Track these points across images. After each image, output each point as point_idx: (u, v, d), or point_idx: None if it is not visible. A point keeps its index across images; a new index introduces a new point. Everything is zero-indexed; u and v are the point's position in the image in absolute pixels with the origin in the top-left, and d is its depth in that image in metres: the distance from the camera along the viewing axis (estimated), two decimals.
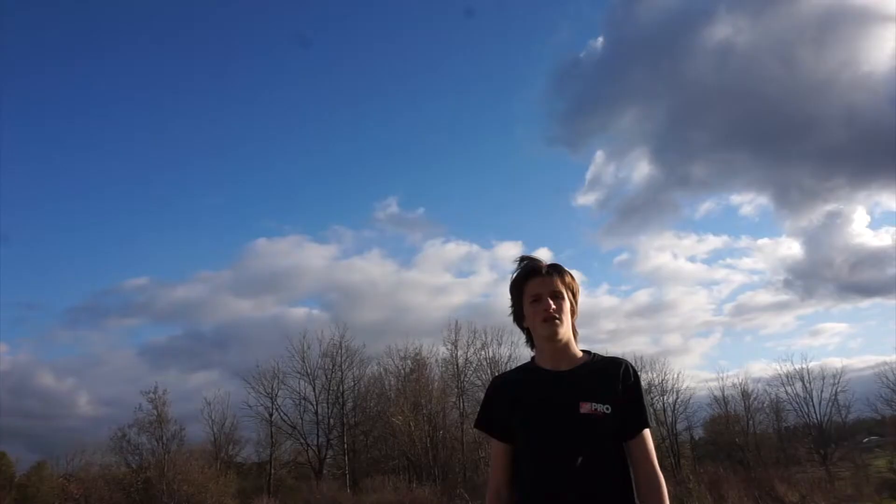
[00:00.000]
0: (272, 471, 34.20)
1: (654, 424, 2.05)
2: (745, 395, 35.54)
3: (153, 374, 59.29)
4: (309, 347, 35.87)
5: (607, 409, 1.97)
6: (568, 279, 2.13)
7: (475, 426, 2.18)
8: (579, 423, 1.95)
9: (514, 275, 2.16)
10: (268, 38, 58.07)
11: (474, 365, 34.96)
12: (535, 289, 2.08)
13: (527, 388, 2.08)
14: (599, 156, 62.07)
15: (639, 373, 2.11)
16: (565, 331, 2.08)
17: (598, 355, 2.15)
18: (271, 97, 57.28)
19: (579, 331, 2.19)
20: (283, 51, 58.96)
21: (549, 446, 1.97)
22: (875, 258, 50.48)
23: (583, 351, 2.16)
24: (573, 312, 2.14)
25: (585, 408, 1.97)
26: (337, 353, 35.67)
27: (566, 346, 2.09)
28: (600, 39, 61.06)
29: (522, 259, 2.18)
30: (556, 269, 2.13)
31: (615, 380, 2.04)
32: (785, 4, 58.75)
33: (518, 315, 2.17)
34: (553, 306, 2.05)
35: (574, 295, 2.15)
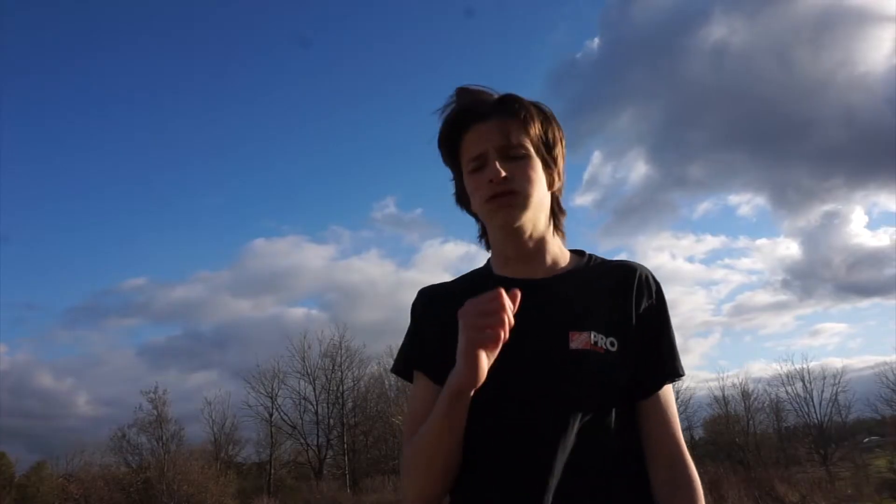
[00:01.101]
0: (272, 471, 34.18)
1: (685, 373, 1.26)
2: (746, 395, 35.54)
3: (152, 375, 59.25)
4: (309, 347, 35.87)
5: (612, 343, 1.18)
6: (534, 122, 1.21)
7: (393, 370, 1.35)
8: (568, 365, 1.15)
9: (441, 122, 1.25)
10: (267, 37, 58.10)
11: None
12: (475, 145, 1.20)
13: None
14: (597, 156, 61.90)
15: (662, 287, 1.28)
16: (531, 215, 1.21)
17: (597, 257, 1.33)
18: (270, 97, 57.29)
19: (566, 223, 1.33)
20: (282, 51, 58.99)
21: (516, 409, 1.16)
22: (873, 258, 50.47)
23: (573, 252, 1.33)
24: (551, 181, 1.26)
25: (578, 339, 1.16)
26: (337, 353, 35.70)
27: (539, 241, 1.26)
28: (596, 40, 61.00)
29: (456, 94, 1.26)
30: (511, 105, 1.21)
31: (626, 295, 1.23)
32: (781, 5, 58.92)
33: (459, 190, 1.30)
34: (503, 174, 1.16)
35: (550, 148, 1.24)
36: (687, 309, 53.72)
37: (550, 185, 1.26)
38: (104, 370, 49.10)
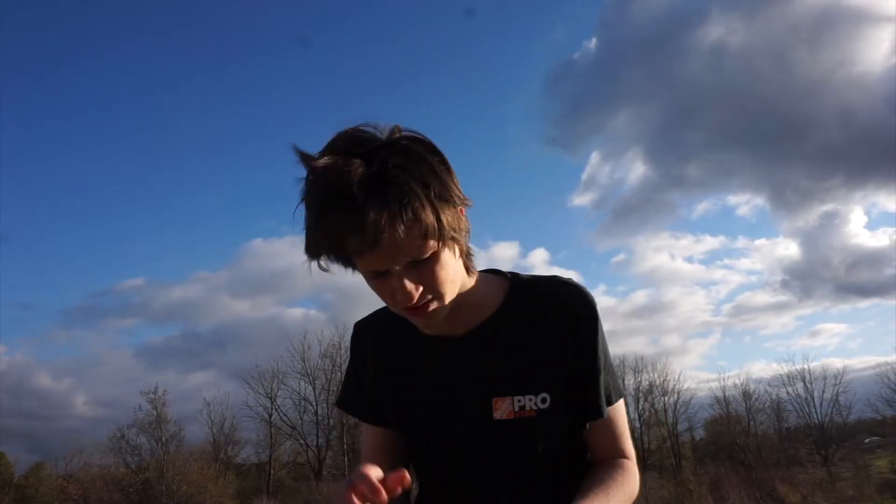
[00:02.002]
0: (271, 471, 34.13)
1: (625, 392, 1.22)
2: (746, 395, 35.52)
3: (151, 375, 59.24)
4: (309, 348, 35.79)
5: (543, 400, 1.09)
6: (428, 209, 0.94)
7: (337, 404, 1.32)
8: (494, 436, 1.09)
9: (312, 232, 0.98)
10: (266, 37, 58.08)
11: None
12: (374, 264, 0.97)
13: (400, 361, 1.18)
14: (595, 156, 62.00)
15: (597, 307, 1.14)
16: (450, 306, 1.05)
17: (521, 284, 1.16)
18: (269, 97, 57.26)
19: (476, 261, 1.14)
20: (281, 51, 58.96)
21: (448, 477, 1.14)
22: (872, 259, 50.43)
23: (490, 277, 1.18)
24: (461, 249, 1.06)
25: (502, 408, 1.09)
26: (337, 353, 35.58)
27: (457, 300, 1.07)
28: (594, 40, 61.03)
29: (310, 181, 0.97)
30: (390, 211, 0.91)
31: (554, 334, 1.11)
32: (779, 5, 58.64)
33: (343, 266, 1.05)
34: (416, 294, 0.99)
35: (451, 224, 0.98)
36: (686, 309, 53.78)
37: (460, 252, 1.07)
38: (102, 371, 49.03)
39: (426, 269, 0.99)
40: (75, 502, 28.99)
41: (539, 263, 45.43)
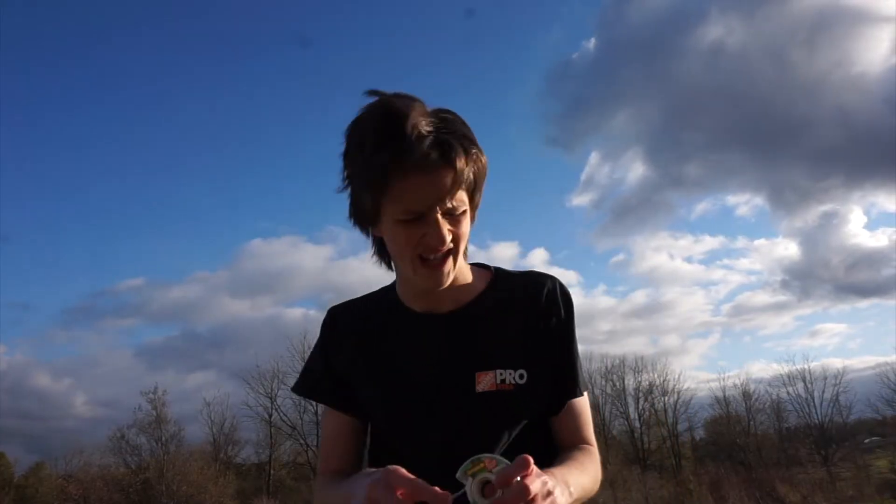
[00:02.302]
0: (271, 471, 34.12)
1: (590, 386, 1.28)
2: (747, 395, 35.52)
3: (150, 375, 59.10)
4: (309, 348, 35.53)
5: (521, 376, 1.14)
6: (470, 167, 1.05)
7: (294, 389, 1.29)
8: (477, 408, 1.13)
9: (374, 154, 1.01)
10: (266, 37, 58.08)
11: None
12: (416, 199, 1.02)
13: (382, 340, 1.21)
14: (594, 156, 61.95)
15: (571, 297, 1.23)
16: (457, 269, 1.13)
17: (504, 272, 1.25)
18: (267, 97, 57.27)
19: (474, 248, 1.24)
20: (280, 51, 58.98)
21: (427, 449, 1.13)
22: (871, 259, 50.46)
23: (477, 267, 1.25)
24: (473, 219, 1.14)
25: (484, 381, 1.13)
26: None
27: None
28: (593, 40, 61.03)
29: (381, 112, 1.03)
30: (452, 146, 1.02)
31: (534, 318, 1.18)
32: (777, 5, 58.50)
33: (367, 216, 1.11)
34: (448, 239, 1.05)
35: (478, 189, 1.11)
36: (686, 309, 53.78)
37: (471, 222, 1.14)
38: (102, 371, 49.01)
39: (456, 223, 1.08)
40: (75, 502, 28.98)
41: (539, 263, 45.35)
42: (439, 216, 1.05)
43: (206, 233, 54.25)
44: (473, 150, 1.06)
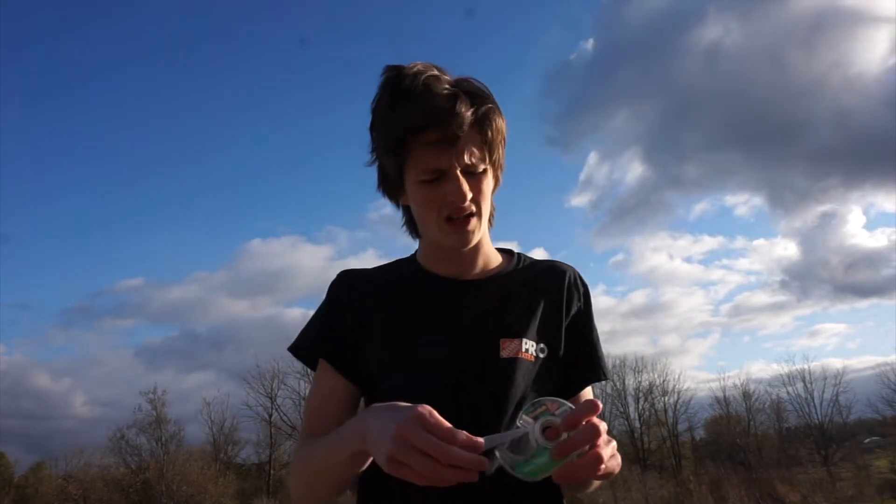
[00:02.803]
0: (271, 471, 34.12)
1: (610, 376, 1.21)
2: (747, 395, 35.51)
3: (149, 375, 59.00)
4: None
5: (542, 349, 1.14)
6: (492, 127, 1.08)
7: (291, 349, 1.21)
8: (498, 374, 1.09)
9: (388, 115, 1.05)
10: (265, 37, 58.09)
11: None
12: (433, 156, 1.03)
13: (403, 303, 1.15)
14: (593, 157, 61.91)
15: (589, 289, 1.25)
16: (482, 231, 1.13)
17: (527, 258, 1.26)
18: (267, 97, 57.32)
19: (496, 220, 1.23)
20: (279, 51, 59.00)
21: (443, 415, 0.99)
22: (870, 259, 50.53)
23: (502, 251, 1.26)
24: (496, 184, 1.16)
25: (509, 348, 1.11)
26: None
27: (476, 245, 1.16)
28: (591, 41, 61.07)
29: (394, 75, 1.06)
30: (464, 101, 1.04)
31: (556, 299, 1.18)
32: (774, 6, 58.40)
33: (392, 184, 1.13)
34: (469, 196, 1.06)
35: (500, 151, 1.13)
36: (685, 309, 53.79)
37: (494, 188, 1.16)
38: (101, 371, 49.10)
39: (476, 182, 1.08)
40: (75, 502, 28.99)
41: None
42: (458, 172, 1.05)
43: (206, 233, 54.41)
44: (488, 106, 1.08)
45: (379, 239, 55.29)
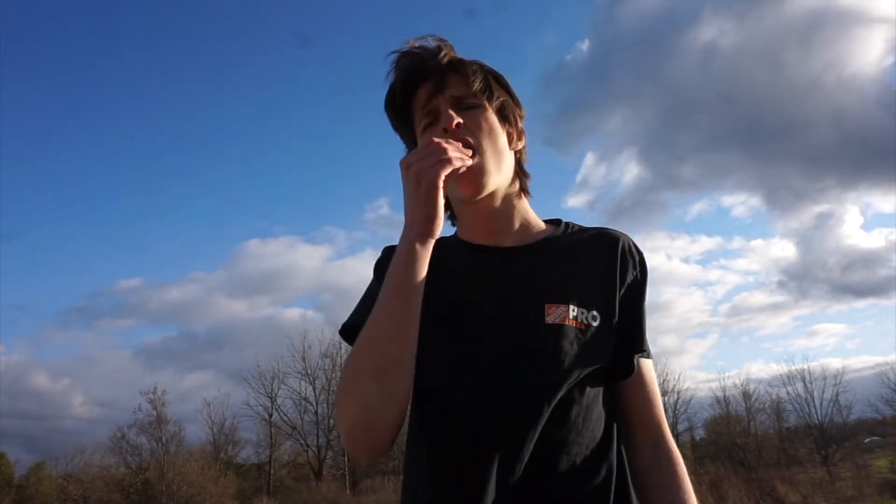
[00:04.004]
0: (272, 472, 34.11)
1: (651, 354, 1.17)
2: (747, 395, 35.51)
3: (148, 375, 59.09)
4: (309, 348, 35.73)
5: (594, 317, 1.06)
6: (485, 78, 1.12)
7: (342, 331, 1.17)
8: (545, 340, 1.02)
9: (387, 86, 1.13)
10: (263, 36, 58.10)
11: None
12: (425, 100, 1.10)
13: (445, 273, 1.08)
14: (590, 157, 61.87)
15: (646, 260, 1.17)
16: (493, 169, 1.08)
17: (575, 225, 1.20)
18: (266, 97, 57.28)
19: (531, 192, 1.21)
20: (278, 50, 58.98)
21: (482, 388, 1.02)
22: (867, 259, 50.51)
23: (548, 221, 1.22)
24: (510, 138, 1.15)
25: (555, 313, 1.04)
26: (337, 353, 35.55)
27: (507, 204, 1.14)
28: (586, 42, 61.11)
29: (399, 58, 1.13)
30: (459, 63, 1.11)
31: (609, 265, 1.11)
32: (769, 7, 58.36)
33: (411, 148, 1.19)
34: (456, 119, 1.06)
35: (504, 105, 1.15)
36: (684, 310, 53.73)
37: (510, 142, 1.15)
38: (100, 371, 49.05)
39: (471, 116, 1.09)
40: (75, 502, 28.98)
41: None
42: (447, 105, 1.09)
43: (204, 233, 54.37)
44: (479, 63, 1.13)
45: (377, 239, 55.37)
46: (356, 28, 60.52)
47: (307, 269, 54.18)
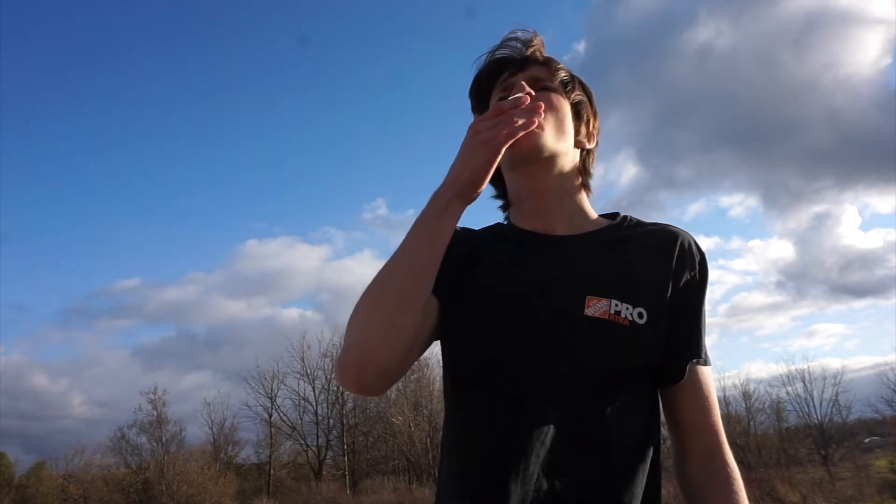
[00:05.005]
0: (271, 471, 34.12)
1: (710, 363, 1.11)
2: (746, 395, 35.51)
3: (147, 375, 59.02)
4: (308, 348, 35.77)
5: (640, 314, 1.02)
6: (566, 72, 1.17)
7: None
8: (583, 333, 1.00)
9: (475, 70, 1.18)
10: (262, 36, 58.12)
11: None
12: (506, 81, 1.14)
13: (491, 254, 1.11)
14: None
15: (707, 261, 1.11)
16: (554, 147, 1.08)
17: (633, 219, 1.17)
18: (262, 98, 57.31)
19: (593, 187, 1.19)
20: (277, 50, 59.00)
21: (516, 381, 1.00)
22: (866, 259, 50.55)
23: (605, 216, 1.19)
24: (580, 134, 1.16)
25: (596, 307, 1.01)
26: (337, 353, 35.59)
27: (563, 193, 1.13)
28: (582, 43, 61.09)
29: (492, 50, 1.18)
30: (543, 55, 1.17)
31: (664, 263, 1.06)
32: (765, 7, 58.36)
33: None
34: (526, 88, 1.04)
35: (581, 102, 1.17)
36: None
37: (579, 137, 1.16)
38: (98, 371, 49.11)
39: (543, 95, 1.10)
40: (76, 502, 28.98)
41: None
42: (519, 79, 1.10)
43: (202, 233, 54.40)
44: (557, 61, 1.17)
45: (375, 239, 55.29)
46: (356, 28, 60.54)
47: (305, 270, 54.24)
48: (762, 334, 53.71)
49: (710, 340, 1.18)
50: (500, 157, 0.96)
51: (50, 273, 53.93)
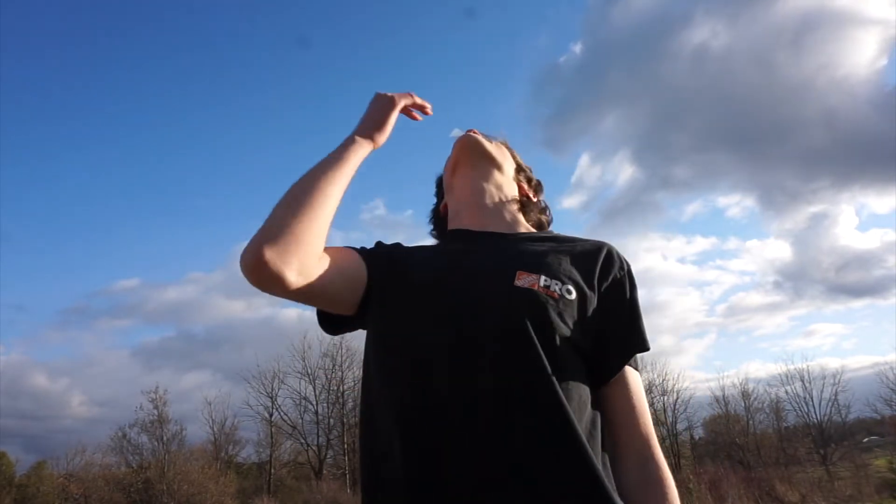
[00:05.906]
0: (272, 471, 34.17)
1: (650, 347, 1.15)
2: (746, 395, 35.57)
3: (146, 375, 58.86)
4: (309, 347, 35.81)
5: (569, 291, 1.06)
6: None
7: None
8: (511, 300, 1.03)
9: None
10: (264, 37, 58.08)
11: None
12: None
13: (426, 251, 1.25)
14: (584, 159, 61.82)
15: (631, 267, 1.19)
16: (492, 161, 1.32)
17: (565, 235, 1.29)
18: (264, 97, 57.29)
19: (539, 215, 1.38)
20: (277, 51, 58.97)
21: (440, 337, 1.03)
22: (863, 259, 50.70)
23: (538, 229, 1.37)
24: (518, 177, 1.37)
25: (526, 279, 1.05)
26: (337, 353, 35.57)
27: (499, 204, 1.29)
28: (580, 44, 61.15)
29: None
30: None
31: (590, 262, 1.14)
32: (761, 8, 58.12)
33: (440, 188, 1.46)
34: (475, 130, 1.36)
35: (525, 170, 1.41)
36: (681, 310, 53.81)
37: (517, 179, 1.38)
38: (98, 371, 49.06)
39: (488, 140, 1.38)
40: (76, 501, 29.02)
41: None
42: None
43: (202, 233, 54.34)
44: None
45: (373, 239, 54.51)
46: (355, 28, 60.56)
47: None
48: (760, 334, 53.86)
49: (707, 340, 1.25)
50: (396, 108, 1.26)
51: (50, 273, 53.91)
